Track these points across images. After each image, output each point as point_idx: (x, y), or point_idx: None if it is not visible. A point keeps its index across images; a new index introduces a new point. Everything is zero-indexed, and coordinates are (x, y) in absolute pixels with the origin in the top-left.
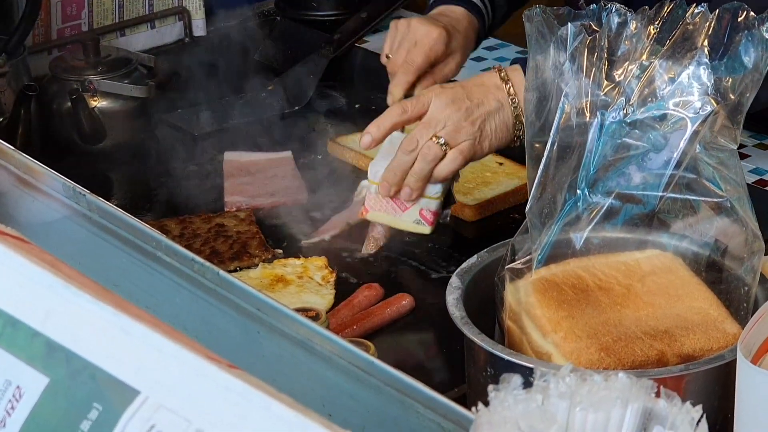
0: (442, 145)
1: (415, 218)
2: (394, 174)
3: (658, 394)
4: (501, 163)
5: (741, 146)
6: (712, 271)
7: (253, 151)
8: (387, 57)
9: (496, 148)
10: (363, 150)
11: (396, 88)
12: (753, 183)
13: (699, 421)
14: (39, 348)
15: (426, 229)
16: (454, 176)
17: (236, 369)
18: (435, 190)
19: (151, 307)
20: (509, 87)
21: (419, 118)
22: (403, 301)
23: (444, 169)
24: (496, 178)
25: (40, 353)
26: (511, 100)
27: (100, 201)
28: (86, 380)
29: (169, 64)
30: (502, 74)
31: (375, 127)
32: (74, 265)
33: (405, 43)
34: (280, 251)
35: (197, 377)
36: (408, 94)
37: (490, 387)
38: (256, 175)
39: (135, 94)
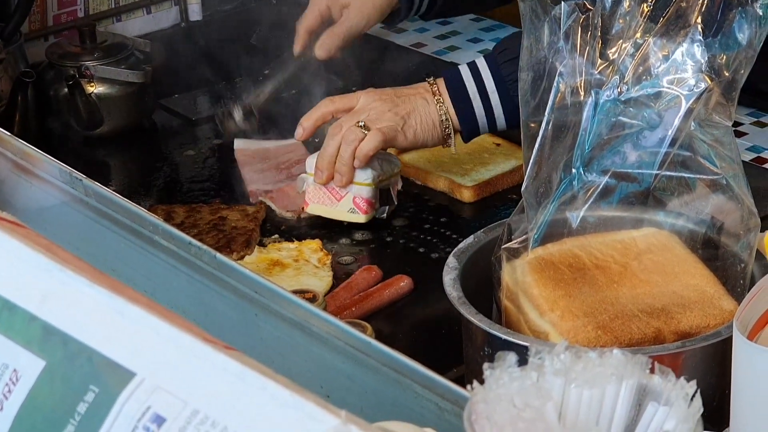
0: (362, 127)
1: (349, 207)
2: (322, 159)
3: (652, 371)
4: (498, 144)
5: (738, 124)
6: (708, 248)
7: (262, 139)
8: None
9: (423, 141)
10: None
11: (296, 45)
12: (750, 161)
13: (693, 396)
14: (36, 331)
15: (360, 218)
16: (394, 179)
17: (233, 350)
18: (365, 176)
19: (149, 291)
20: (435, 88)
21: (348, 111)
22: (402, 283)
23: (365, 147)
24: (494, 159)
25: (36, 337)
26: (437, 100)
27: (98, 186)
28: (83, 363)
29: (165, 49)
30: (431, 80)
31: (306, 119)
32: (72, 250)
33: (309, 7)
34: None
35: (193, 359)
36: (310, 50)
37: (486, 365)
38: (271, 161)
39: (132, 80)
